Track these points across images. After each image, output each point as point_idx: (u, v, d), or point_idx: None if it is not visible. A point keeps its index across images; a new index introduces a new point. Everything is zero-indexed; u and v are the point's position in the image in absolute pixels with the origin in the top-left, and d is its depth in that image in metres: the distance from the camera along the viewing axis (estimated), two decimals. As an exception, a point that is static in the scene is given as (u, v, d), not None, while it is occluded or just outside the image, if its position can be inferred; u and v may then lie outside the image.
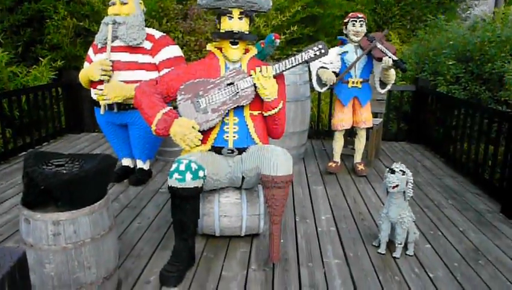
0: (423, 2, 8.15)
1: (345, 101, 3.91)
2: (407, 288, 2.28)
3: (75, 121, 5.55)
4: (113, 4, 3.49)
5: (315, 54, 2.54)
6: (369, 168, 4.25)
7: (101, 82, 3.44)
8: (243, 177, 2.54)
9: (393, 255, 2.61)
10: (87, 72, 3.51)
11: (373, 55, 3.70)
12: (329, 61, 3.85)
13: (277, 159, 2.31)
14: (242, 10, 2.49)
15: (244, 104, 2.50)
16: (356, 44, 3.84)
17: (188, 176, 2.22)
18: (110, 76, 3.41)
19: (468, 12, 8.48)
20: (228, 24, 2.49)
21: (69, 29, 5.89)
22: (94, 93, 3.51)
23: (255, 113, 2.57)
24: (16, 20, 5.69)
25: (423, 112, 5.14)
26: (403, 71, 3.60)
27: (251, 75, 2.47)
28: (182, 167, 2.23)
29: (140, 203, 3.35)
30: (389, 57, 3.55)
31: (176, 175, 2.23)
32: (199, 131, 2.45)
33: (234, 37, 2.48)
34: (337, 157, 4.16)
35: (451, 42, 5.00)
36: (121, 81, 3.43)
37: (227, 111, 2.48)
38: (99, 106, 3.58)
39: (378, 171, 4.25)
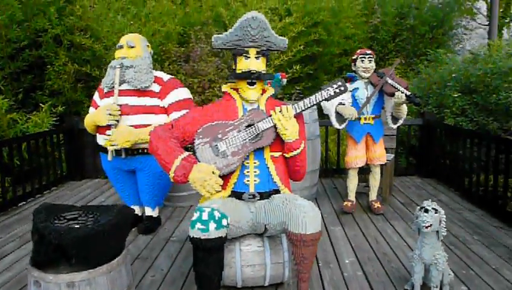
0: (417, 37, 8.29)
1: (358, 138, 3.82)
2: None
3: (77, 167, 5.39)
4: (121, 47, 3.44)
5: (335, 92, 2.47)
6: (384, 205, 4.11)
7: (108, 127, 3.32)
8: (266, 228, 2.39)
9: (430, 301, 2.44)
10: (94, 117, 3.41)
11: (385, 90, 3.65)
12: (340, 98, 3.78)
13: (306, 217, 2.17)
14: (259, 50, 2.43)
15: (265, 146, 2.39)
16: (366, 80, 3.80)
17: (212, 225, 2.07)
18: (117, 121, 3.31)
19: (461, 46, 8.64)
20: (245, 64, 2.42)
21: (70, 74, 5.85)
22: (103, 139, 3.39)
23: (276, 155, 2.46)
24: (17, 67, 5.64)
25: (432, 145, 5.07)
26: (416, 105, 3.55)
27: (271, 116, 2.37)
28: (205, 216, 2.08)
29: (151, 254, 3.16)
30: (402, 92, 3.51)
31: (198, 225, 2.07)
32: (219, 176, 2.32)
33: (252, 77, 2.40)
34: (352, 196, 4.02)
35: (454, 75, 5.00)
36: (129, 125, 3.33)
37: (247, 154, 2.37)
38: (106, 152, 3.45)
39: (395, 208, 4.11)
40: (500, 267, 2.85)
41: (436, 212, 2.35)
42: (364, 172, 4.28)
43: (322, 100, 2.47)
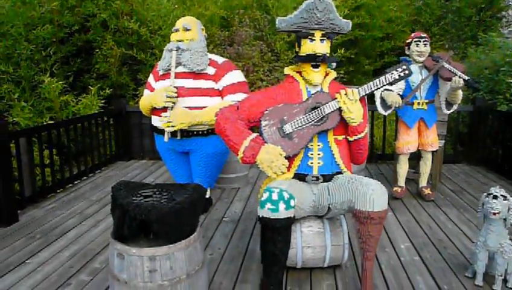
0: (463, 20, 8.01)
1: (410, 123, 3.77)
2: (522, 326, 2.09)
3: (125, 148, 5.55)
4: (176, 30, 3.48)
5: (399, 76, 2.44)
6: (434, 192, 4.05)
7: (164, 109, 3.40)
8: (329, 208, 2.41)
9: (493, 288, 2.41)
10: (151, 99, 3.49)
11: (441, 75, 3.57)
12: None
13: (373, 194, 2.18)
14: (324, 32, 2.42)
15: (330, 129, 2.40)
16: (420, 65, 3.72)
17: (281, 205, 2.11)
18: (174, 103, 3.37)
19: (510, 29, 8.29)
20: (310, 47, 2.42)
21: (116, 58, 5.98)
22: (159, 121, 3.47)
23: (340, 138, 2.46)
24: (67, 51, 5.82)
25: (482, 133, 4.93)
26: (475, 90, 3.48)
27: (336, 99, 2.37)
28: (275, 197, 2.12)
29: (207, 233, 3.24)
30: (460, 77, 3.42)
31: (268, 205, 2.12)
32: (284, 158, 2.35)
33: (317, 60, 2.40)
34: (402, 182, 3.99)
35: (508, 60, 4.82)
36: (185, 107, 3.39)
37: (312, 136, 2.38)
38: (161, 133, 3.54)
39: (445, 195, 4.06)
40: None
41: (505, 199, 2.31)
42: (412, 158, 4.22)
43: (387, 84, 2.44)
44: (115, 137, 5.46)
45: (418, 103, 3.74)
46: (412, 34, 3.78)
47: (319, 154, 2.43)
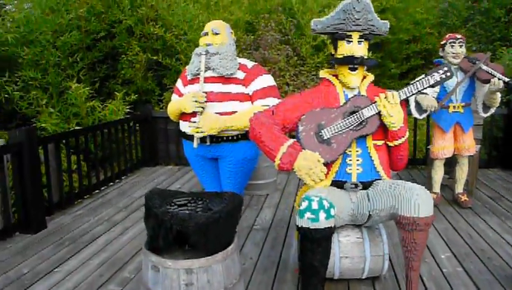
0: (492, 21, 7.78)
1: (446, 127, 3.62)
2: None
3: (150, 154, 5.54)
4: (205, 34, 3.43)
5: (441, 78, 2.33)
6: (471, 198, 3.89)
7: (193, 114, 3.34)
8: (369, 216, 2.30)
9: (547, 304, 2.26)
10: (179, 104, 3.44)
11: (479, 77, 3.42)
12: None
13: (418, 199, 2.07)
14: (362, 34, 2.33)
15: (369, 134, 2.29)
16: (455, 67, 3.58)
17: (322, 215, 2.01)
18: (203, 108, 3.32)
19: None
20: (347, 49, 2.33)
21: (142, 64, 5.99)
22: (188, 126, 3.42)
23: (379, 143, 2.35)
24: (94, 57, 5.86)
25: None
26: (517, 93, 3.30)
27: (375, 102, 2.27)
28: (315, 205, 2.03)
29: (238, 242, 3.16)
30: (499, 78, 3.27)
31: (308, 214, 2.02)
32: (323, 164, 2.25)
33: (355, 63, 2.31)
34: (437, 188, 3.84)
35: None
36: (215, 112, 3.33)
37: (351, 142, 2.28)
38: (189, 139, 3.48)
39: (483, 202, 3.89)
40: None
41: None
42: (445, 163, 4.07)
43: (428, 86, 2.33)
44: (141, 143, 5.46)
45: (454, 106, 3.60)
46: (447, 36, 3.65)
47: (357, 160, 2.33)
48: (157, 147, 5.56)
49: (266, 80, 3.46)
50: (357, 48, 2.32)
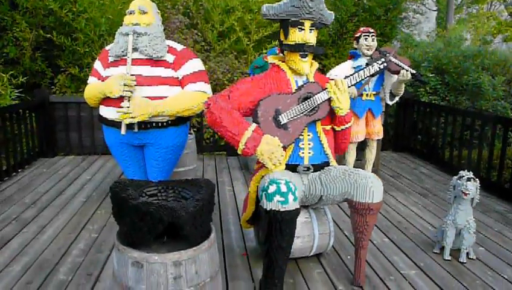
0: (373, 18, 8.65)
1: (360, 113, 3.96)
2: (496, 292, 2.35)
3: (48, 144, 4.95)
4: (131, 13, 3.19)
5: (379, 67, 2.56)
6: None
7: (120, 99, 3.09)
8: (321, 198, 2.43)
9: (460, 261, 2.67)
10: (104, 87, 3.14)
11: (389, 68, 3.80)
12: (344, 75, 3.88)
13: (373, 186, 2.25)
14: (313, 22, 2.42)
15: (321, 119, 2.41)
16: (368, 58, 3.93)
17: (290, 197, 2.06)
18: (132, 92, 3.09)
19: (410, 29, 9.19)
20: (299, 36, 2.39)
21: (30, 42, 5.28)
22: (117, 112, 3.15)
23: (327, 128, 2.49)
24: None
25: (408, 122, 5.41)
26: (422, 83, 3.76)
27: (326, 89, 2.39)
28: (284, 188, 2.07)
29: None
30: (407, 70, 3.68)
31: (277, 197, 2.05)
32: (281, 148, 2.30)
33: (307, 50, 2.39)
34: (351, 169, 4.19)
35: (430, 55, 5.35)
36: (144, 97, 3.12)
37: (305, 127, 2.37)
38: (112, 126, 3.23)
39: (387, 181, 4.38)
40: (503, 230, 3.19)
41: (474, 181, 2.56)
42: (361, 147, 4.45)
43: (370, 75, 2.55)
44: (37, 131, 4.84)
45: (367, 95, 3.95)
46: (361, 29, 3.97)
47: (309, 144, 2.43)
48: (55, 136, 4.99)
49: (196, 64, 3.36)
50: (309, 36, 2.40)
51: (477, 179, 2.60)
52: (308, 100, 2.37)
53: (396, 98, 4.02)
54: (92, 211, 3.42)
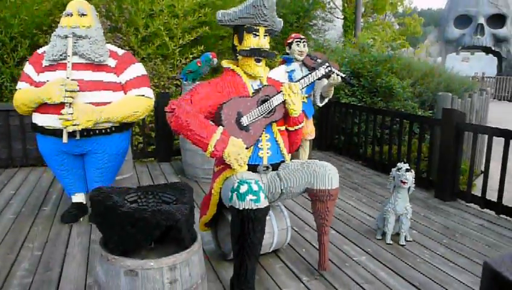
0: (287, 25, 9.08)
1: (295, 114, 4.18)
2: (434, 266, 2.67)
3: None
4: (69, 15, 3.03)
5: (325, 72, 2.79)
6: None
7: (60, 106, 2.91)
8: (282, 193, 2.56)
9: (400, 243, 2.99)
10: (41, 93, 2.93)
11: (306, 65, 4.09)
12: (279, 79, 4.06)
13: (330, 173, 2.42)
14: (267, 28, 2.54)
15: (277, 120, 2.54)
16: (300, 63, 4.17)
17: (262, 195, 2.15)
18: (73, 98, 2.93)
19: (320, 35, 9.80)
20: (254, 41, 2.50)
21: None
22: (51, 119, 2.95)
23: (282, 128, 2.63)
24: None
25: (330, 122, 5.80)
26: (351, 85, 4.09)
27: (281, 92, 2.53)
28: (255, 187, 2.14)
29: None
30: (337, 74, 3.98)
31: (250, 196, 2.12)
32: (243, 149, 2.38)
33: (262, 55, 2.51)
34: (288, 168, 4.39)
35: (346, 60, 5.81)
36: (87, 103, 2.98)
37: (264, 128, 2.48)
38: (48, 134, 3.05)
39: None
40: (428, 214, 3.62)
41: (411, 171, 2.89)
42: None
43: (317, 78, 2.76)
44: None
45: (301, 97, 4.18)
46: (293, 35, 4.20)
47: (267, 144, 2.54)
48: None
49: (139, 69, 3.31)
50: (263, 42, 2.52)
51: (412, 170, 2.94)
52: (266, 103, 2.48)
53: (326, 100, 4.32)
54: (26, 228, 3.15)
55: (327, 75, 2.77)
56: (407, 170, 2.87)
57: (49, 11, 5.32)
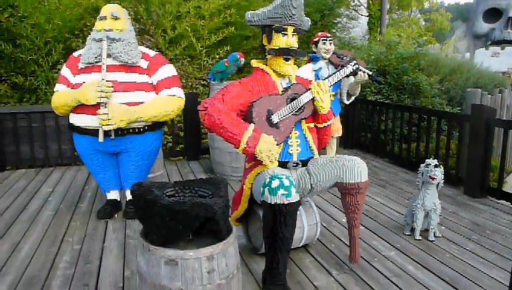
0: (312, 24, 9.08)
1: (322, 112, 4.22)
2: (463, 262, 2.67)
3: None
4: (103, 19, 3.16)
5: (353, 69, 2.81)
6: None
7: (97, 106, 3.04)
8: (312, 188, 2.61)
9: (429, 239, 2.99)
10: (78, 95, 3.07)
11: (332, 62, 4.11)
12: (306, 77, 4.11)
13: (360, 167, 2.46)
14: (295, 28, 2.59)
15: (307, 117, 2.59)
16: (326, 61, 4.20)
17: (293, 190, 2.21)
18: (108, 98, 3.05)
19: (345, 33, 9.77)
20: (283, 41, 2.55)
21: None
22: (88, 119, 3.09)
23: (311, 126, 2.68)
24: None
25: (357, 120, 5.80)
26: (379, 84, 4.09)
27: (310, 89, 2.58)
28: (287, 183, 2.20)
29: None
30: (364, 72, 4.00)
31: (281, 191, 2.18)
32: (274, 146, 2.44)
33: (291, 54, 2.56)
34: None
35: (372, 57, 5.79)
36: (121, 103, 3.10)
37: (294, 125, 2.54)
38: (85, 133, 3.18)
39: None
40: (457, 211, 3.60)
41: (440, 167, 2.89)
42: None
43: (345, 76, 2.79)
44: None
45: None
46: (319, 34, 4.23)
47: (297, 141, 2.60)
48: (3, 149, 4.68)
49: (170, 70, 3.41)
50: (292, 41, 2.57)
51: (441, 166, 2.93)
52: (295, 101, 2.53)
53: (353, 98, 4.33)
54: (65, 223, 3.30)
55: (354, 73, 2.79)
56: (436, 166, 2.87)
57: (81, 15, 5.51)
